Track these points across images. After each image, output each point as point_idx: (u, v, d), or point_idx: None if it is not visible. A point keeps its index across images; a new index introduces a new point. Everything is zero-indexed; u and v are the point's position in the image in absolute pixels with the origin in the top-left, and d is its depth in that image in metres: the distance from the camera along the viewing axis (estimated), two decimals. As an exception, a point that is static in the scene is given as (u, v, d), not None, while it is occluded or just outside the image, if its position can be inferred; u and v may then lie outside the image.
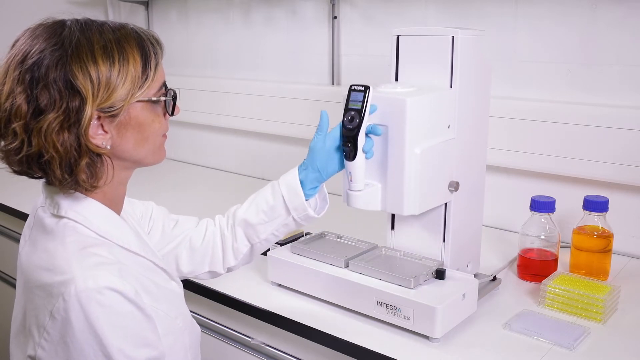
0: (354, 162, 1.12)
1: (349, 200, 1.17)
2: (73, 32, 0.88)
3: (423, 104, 1.14)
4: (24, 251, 0.97)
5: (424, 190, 1.17)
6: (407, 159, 1.13)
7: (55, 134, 0.84)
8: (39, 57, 0.85)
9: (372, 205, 1.18)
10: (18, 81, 0.85)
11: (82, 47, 0.86)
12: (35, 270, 0.90)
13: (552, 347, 1.13)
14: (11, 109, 0.85)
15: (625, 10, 1.50)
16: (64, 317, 0.83)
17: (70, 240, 0.89)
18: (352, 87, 1.11)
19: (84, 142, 0.86)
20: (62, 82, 0.84)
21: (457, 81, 1.20)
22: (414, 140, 1.13)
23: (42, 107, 0.84)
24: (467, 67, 1.21)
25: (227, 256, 1.20)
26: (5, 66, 0.88)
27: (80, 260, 0.86)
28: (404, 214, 1.17)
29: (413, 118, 1.12)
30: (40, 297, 0.87)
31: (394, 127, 1.13)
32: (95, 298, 0.82)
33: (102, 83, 0.86)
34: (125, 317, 0.85)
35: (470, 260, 1.35)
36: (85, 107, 0.85)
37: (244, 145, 2.41)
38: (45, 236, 0.92)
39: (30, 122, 0.84)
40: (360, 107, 1.09)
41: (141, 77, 0.90)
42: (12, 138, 0.86)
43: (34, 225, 0.97)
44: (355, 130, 1.09)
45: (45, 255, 0.90)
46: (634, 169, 1.49)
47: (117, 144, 0.91)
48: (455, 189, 1.23)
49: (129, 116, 0.91)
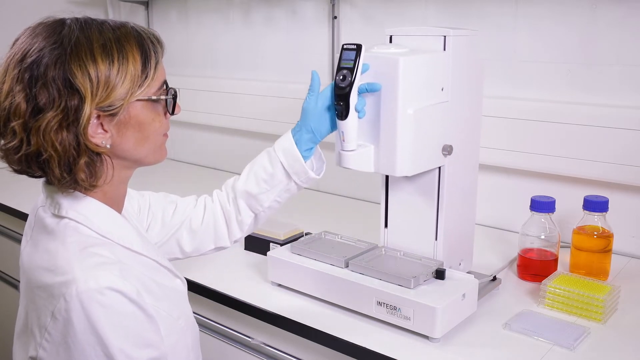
0: (346, 121, 1.12)
1: (341, 160, 1.17)
2: (72, 30, 0.87)
3: (416, 64, 1.14)
4: (25, 251, 0.97)
5: (417, 151, 1.16)
6: (399, 119, 1.13)
7: (54, 133, 0.84)
8: (38, 55, 0.85)
9: (364, 166, 1.17)
10: (17, 80, 0.85)
11: (81, 45, 0.86)
12: (36, 270, 0.90)
13: (552, 347, 1.13)
14: (10, 108, 0.85)
15: (625, 10, 1.50)
16: (66, 318, 0.83)
17: (71, 240, 0.89)
18: (345, 45, 1.11)
19: (82, 141, 0.86)
20: (61, 80, 0.84)
21: (449, 82, 1.20)
22: (407, 101, 1.13)
23: (41, 105, 0.84)
24: (459, 66, 1.22)
25: (232, 229, 1.21)
26: (5, 65, 0.88)
27: (81, 260, 0.86)
28: (396, 174, 1.16)
29: (406, 78, 1.11)
30: (41, 297, 0.87)
31: (387, 87, 1.13)
32: (96, 298, 0.82)
33: (101, 82, 0.86)
34: (126, 317, 0.85)
35: (462, 258, 1.35)
36: (84, 106, 0.84)
37: (244, 145, 2.41)
38: (47, 236, 0.92)
39: (29, 121, 0.84)
40: (352, 66, 1.09)
41: (141, 75, 0.90)
42: (11, 137, 0.86)
43: (34, 226, 0.97)
44: (347, 89, 1.09)
45: (46, 255, 0.89)
46: (634, 169, 1.49)
47: (117, 143, 0.91)
48: (449, 153, 1.21)
49: (128, 115, 0.90)
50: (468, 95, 1.27)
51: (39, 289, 0.88)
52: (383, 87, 1.13)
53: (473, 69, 1.27)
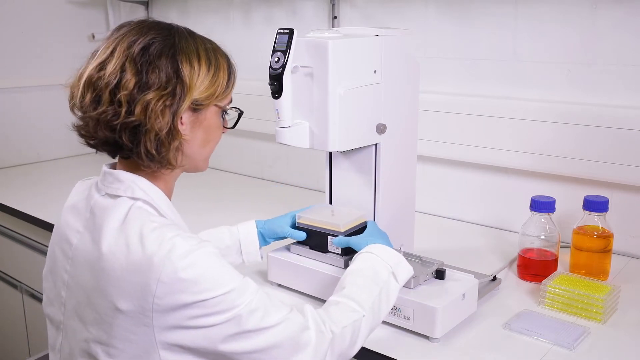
0: (279, 99, 1.21)
1: (277, 136, 1.26)
2: (182, 31, 1.00)
3: (346, 48, 1.21)
4: (91, 239, 0.97)
5: (349, 128, 1.25)
6: (330, 98, 1.21)
7: (159, 110, 0.93)
8: (150, 42, 0.95)
9: (299, 142, 1.26)
10: (128, 58, 0.93)
11: (190, 44, 0.98)
12: (120, 253, 0.92)
13: (552, 347, 1.13)
14: (120, 82, 0.92)
15: (625, 10, 1.50)
16: (174, 278, 0.87)
17: (149, 219, 0.94)
18: (279, 30, 1.20)
19: (175, 126, 0.95)
20: (171, 67, 0.94)
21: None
22: (337, 82, 1.20)
23: (150, 84, 0.93)
24: (390, 51, 1.29)
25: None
26: (110, 47, 0.95)
27: (165, 232, 0.91)
28: (328, 149, 1.24)
29: (335, 60, 1.19)
30: (135, 273, 0.89)
31: (319, 69, 1.20)
32: (197, 253, 0.90)
33: (200, 79, 0.98)
34: (220, 260, 0.93)
35: (403, 242, 1.34)
36: (185, 95, 0.95)
37: (244, 145, 2.41)
38: (122, 220, 0.95)
39: (136, 94, 0.92)
40: (284, 48, 1.18)
41: (225, 85, 1.02)
42: (113, 105, 0.93)
43: (99, 214, 0.98)
44: (280, 70, 1.19)
45: (130, 237, 0.92)
46: (634, 169, 1.49)
47: (188, 138, 1.00)
48: (383, 132, 1.29)
49: (204, 116, 1.01)
50: (403, 80, 1.35)
51: (126, 271, 0.90)
52: (315, 68, 1.21)
53: (405, 59, 1.35)
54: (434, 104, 1.77)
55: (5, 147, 2.58)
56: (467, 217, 1.83)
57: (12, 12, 2.54)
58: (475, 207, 1.81)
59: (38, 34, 2.61)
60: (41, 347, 2.03)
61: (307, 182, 2.23)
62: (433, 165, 1.86)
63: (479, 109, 1.71)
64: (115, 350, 0.92)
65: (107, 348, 0.93)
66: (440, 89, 1.81)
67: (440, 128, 1.78)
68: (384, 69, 1.28)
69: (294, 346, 0.93)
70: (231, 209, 1.95)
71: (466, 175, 1.81)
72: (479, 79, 1.76)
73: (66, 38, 2.67)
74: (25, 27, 2.58)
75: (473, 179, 1.80)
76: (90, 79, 0.94)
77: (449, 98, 1.78)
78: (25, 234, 2.07)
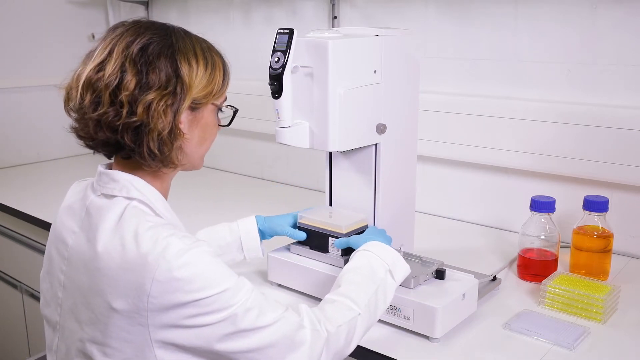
0: (279, 99, 1.20)
1: (277, 136, 1.26)
2: (178, 31, 1.00)
3: (346, 48, 1.21)
4: (86, 239, 0.97)
5: (349, 128, 1.24)
6: (330, 98, 1.20)
7: (161, 110, 0.93)
8: (148, 41, 0.95)
9: (299, 142, 1.26)
10: (128, 59, 0.93)
11: (187, 44, 0.99)
12: (115, 252, 0.92)
13: (552, 347, 1.13)
14: (120, 82, 0.92)
15: (625, 10, 1.50)
16: (169, 277, 0.87)
17: (144, 219, 0.94)
18: (279, 30, 1.20)
19: (176, 125, 0.96)
20: (171, 68, 0.95)
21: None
22: (337, 82, 1.20)
23: (150, 84, 0.93)
24: (391, 52, 1.29)
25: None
26: (108, 48, 0.95)
27: (160, 232, 0.91)
28: (328, 149, 1.24)
29: (336, 60, 1.19)
30: (130, 272, 0.89)
31: (319, 69, 1.20)
32: (192, 252, 0.89)
33: (199, 78, 0.98)
34: (216, 260, 0.93)
35: (403, 242, 1.34)
36: (186, 95, 0.96)
37: (244, 145, 2.41)
38: (117, 219, 0.95)
39: (138, 95, 0.92)
40: (284, 48, 1.18)
41: (221, 84, 1.03)
42: (114, 106, 0.92)
43: (95, 214, 0.98)
44: (280, 70, 1.18)
45: (125, 237, 0.92)
46: (634, 169, 1.49)
47: (187, 137, 1.00)
48: (382, 132, 1.29)
49: (202, 115, 1.02)
50: (403, 80, 1.35)
51: (121, 269, 0.90)
52: (315, 68, 1.21)
53: (405, 59, 1.35)
54: (434, 103, 1.77)
55: (5, 147, 2.58)
56: (467, 217, 1.83)
57: (12, 12, 2.54)
58: (475, 207, 1.81)
59: (38, 34, 2.61)
60: (41, 347, 2.03)
61: (307, 182, 2.23)
62: (433, 165, 1.86)
63: (479, 109, 1.71)
64: (111, 349, 0.92)
65: (103, 348, 0.93)
66: (440, 89, 1.81)
67: (440, 128, 1.78)
68: (384, 69, 1.28)
69: (289, 345, 0.93)
70: (231, 209, 1.94)
71: (466, 175, 1.81)
72: (479, 79, 1.76)
73: (66, 38, 2.67)
74: (25, 27, 2.58)
75: (473, 179, 1.80)
76: (90, 80, 0.94)
77: (449, 98, 1.78)
78: (25, 234, 2.07)
